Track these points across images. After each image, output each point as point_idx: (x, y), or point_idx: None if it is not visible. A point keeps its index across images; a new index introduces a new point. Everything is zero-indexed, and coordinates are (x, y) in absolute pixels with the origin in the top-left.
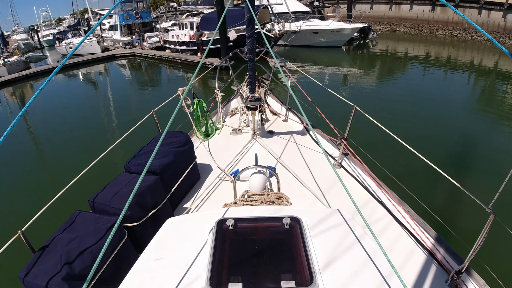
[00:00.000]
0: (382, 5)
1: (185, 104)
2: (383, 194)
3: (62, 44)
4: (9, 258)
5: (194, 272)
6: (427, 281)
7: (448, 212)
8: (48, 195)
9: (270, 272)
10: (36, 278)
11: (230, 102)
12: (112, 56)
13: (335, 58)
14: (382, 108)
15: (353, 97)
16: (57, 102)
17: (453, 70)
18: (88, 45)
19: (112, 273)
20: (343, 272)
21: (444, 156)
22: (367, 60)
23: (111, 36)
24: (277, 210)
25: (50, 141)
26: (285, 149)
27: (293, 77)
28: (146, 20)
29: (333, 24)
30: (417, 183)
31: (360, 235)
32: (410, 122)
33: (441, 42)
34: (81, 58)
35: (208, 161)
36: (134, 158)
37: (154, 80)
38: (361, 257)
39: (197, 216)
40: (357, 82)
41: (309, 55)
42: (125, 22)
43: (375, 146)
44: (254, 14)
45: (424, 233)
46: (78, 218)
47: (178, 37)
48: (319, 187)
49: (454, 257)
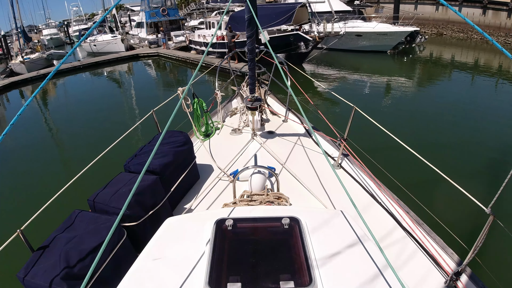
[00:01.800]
0: (428, 6)
1: (185, 104)
2: (382, 195)
3: (87, 41)
4: (8, 257)
5: (193, 272)
6: (426, 282)
7: (447, 213)
8: (48, 194)
9: (269, 272)
10: (35, 277)
11: (230, 102)
12: (135, 56)
13: (380, 64)
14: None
15: (401, 114)
16: (59, 103)
17: (505, 81)
18: (112, 43)
19: (111, 273)
20: (342, 272)
21: (443, 157)
22: (415, 67)
23: (137, 34)
24: (276, 210)
25: (50, 140)
26: (284, 149)
27: (293, 77)
28: (173, 17)
29: (379, 27)
30: (417, 184)
31: (359, 236)
32: (433, 130)
33: (492, 49)
34: (106, 57)
35: (208, 161)
36: (133, 157)
37: (169, 83)
38: (360, 258)
39: (196, 216)
40: (404, 94)
41: (350, 60)
42: (151, 19)
43: (375, 147)
44: (254, 14)
45: (423, 234)
46: (77, 217)
47: (205, 37)
48: (318, 188)
49: (453, 258)
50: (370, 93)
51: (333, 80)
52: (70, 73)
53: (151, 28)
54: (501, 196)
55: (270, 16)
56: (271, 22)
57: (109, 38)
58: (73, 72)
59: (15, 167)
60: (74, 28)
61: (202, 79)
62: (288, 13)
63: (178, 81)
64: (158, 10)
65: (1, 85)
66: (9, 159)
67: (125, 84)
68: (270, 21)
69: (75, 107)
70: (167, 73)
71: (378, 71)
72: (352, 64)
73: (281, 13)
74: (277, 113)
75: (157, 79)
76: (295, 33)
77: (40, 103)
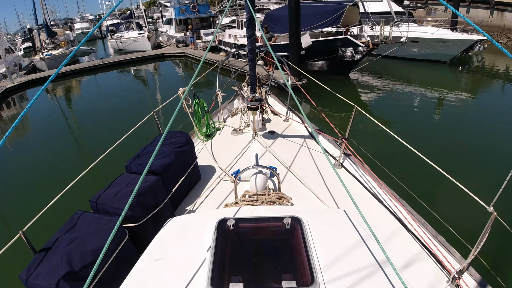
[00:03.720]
0: (481, 10)
1: (185, 104)
2: (384, 194)
3: (114, 37)
4: (10, 258)
5: (195, 272)
6: (428, 280)
7: (450, 212)
8: (49, 195)
9: (271, 272)
10: (37, 278)
11: (231, 102)
12: (161, 55)
13: (436, 76)
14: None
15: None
16: (66, 104)
17: None
18: (138, 41)
19: (113, 273)
20: (344, 272)
21: (445, 155)
22: (475, 79)
23: (166, 31)
24: (278, 210)
25: (51, 141)
26: (286, 149)
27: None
28: (204, 15)
29: (440, 33)
30: (418, 183)
31: (361, 236)
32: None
33: None
34: (129, 56)
35: (209, 161)
36: (135, 158)
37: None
38: (362, 257)
39: (198, 216)
40: (471, 113)
41: (402, 69)
42: (181, 16)
43: (376, 146)
44: (254, 13)
45: (425, 232)
46: (79, 219)
47: (236, 37)
48: (319, 187)
49: (455, 257)
50: (426, 111)
51: (381, 91)
52: (90, 73)
53: (180, 26)
54: (503, 194)
55: (313, 16)
56: (314, 24)
57: (136, 35)
58: (94, 72)
59: (17, 168)
60: (106, 23)
61: (202, 79)
62: (336, 13)
63: (206, 83)
64: (188, 6)
65: (17, 84)
66: (11, 161)
67: (139, 86)
68: (314, 22)
69: (83, 108)
70: (192, 75)
71: (436, 84)
72: (405, 75)
73: (327, 12)
74: (278, 113)
75: (174, 82)
76: (343, 38)
77: (43, 104)
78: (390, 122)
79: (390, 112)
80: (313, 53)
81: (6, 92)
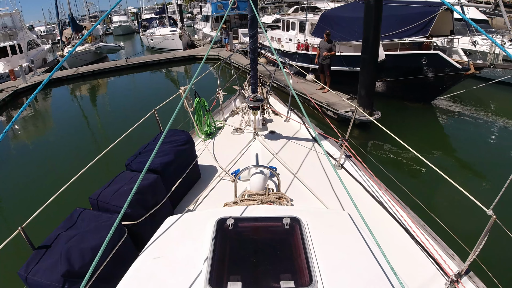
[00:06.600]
0: None
1: (186, 103)
2: (384, 196)
3: (145, 33)
4: (9, 254)
5: (194, 271)
6: (427, 283)
7: (449, 215)
8: (49, 192)
9: (270, 272)
10: (36, 274)
11: (231, 101)
12: (192, 57)
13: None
14: None
15: None
16: (74, 105)
17: None
18: (169, 39)
19: (111, 271)
20: (343, 273)
21: (445, 158)
22: None
23: (201, 28)
24: (277, 210)
25: (52, 138)
26: (286, 149)
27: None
28: (243, 12)
29: None
30: (418, 185)
31: (360, 236)
32: None
33: None
34: (156, 57)
35: (209, 160)
36: (135, 156)
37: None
38: (361, 258)
39: (197, 215)
40: None
41: (506, 98)
42: (218, 12)
43: (376, 147)
44: (257, 12)
45: (425, 235)
46: (78, 216)
47: (280, 41)
48: (319, 188)
49: (454, 260)
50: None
51: (475, 125)
52: (112, 74)
53: (217, 23)
54: (503, 197)
55: (389, 20)
56: (391, 31)
57: (167, 32)
58: (116, 73)
59: (16, 164)
60: (144, 17)
61: (203, 79)
62: (424, 19)
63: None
64: (227, 2)
65: (30, 84)
66: (11, 157)
67: (158, 90)
68: (390, 29)
69: (90, 109)
70: (225, 81)
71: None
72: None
73: (411, 17)
74: (279, 113)
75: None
76: (433, 53)
77: (45, 103)
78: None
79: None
80: (385, 71)
81: (18, 93)
